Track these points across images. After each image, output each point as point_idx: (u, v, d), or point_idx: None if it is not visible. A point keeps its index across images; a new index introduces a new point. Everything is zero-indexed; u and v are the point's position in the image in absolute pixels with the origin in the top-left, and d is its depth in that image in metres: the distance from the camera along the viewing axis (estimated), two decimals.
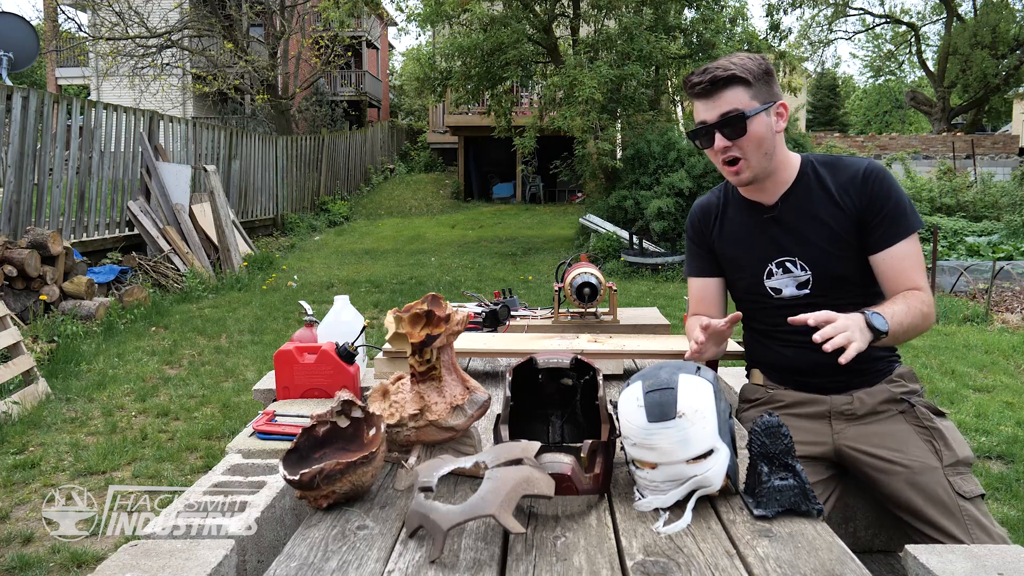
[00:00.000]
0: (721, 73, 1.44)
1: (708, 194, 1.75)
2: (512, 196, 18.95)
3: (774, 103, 1.49)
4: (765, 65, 1.49)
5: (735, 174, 1.52)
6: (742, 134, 1.46)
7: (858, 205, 1.51)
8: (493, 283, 8.45)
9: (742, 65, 1.46)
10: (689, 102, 11.97)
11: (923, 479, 1.42)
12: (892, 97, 33.44)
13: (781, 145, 1.54)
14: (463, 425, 1.21)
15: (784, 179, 1.56)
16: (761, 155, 1.49)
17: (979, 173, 14.24)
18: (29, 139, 6.71)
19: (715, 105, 1.46)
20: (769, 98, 1.48)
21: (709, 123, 1.47)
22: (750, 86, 1.46)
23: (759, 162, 1.50)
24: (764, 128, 1.47)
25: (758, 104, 1.46)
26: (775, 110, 1.50)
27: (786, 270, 1.57)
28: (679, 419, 1.07)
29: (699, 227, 1.72)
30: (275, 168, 13.00)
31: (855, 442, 1.52)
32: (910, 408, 1.52)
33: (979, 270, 7.95)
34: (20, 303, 5.47)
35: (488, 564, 0.94)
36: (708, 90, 1.46)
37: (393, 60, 34.72)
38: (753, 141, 1.47)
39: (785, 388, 1.64)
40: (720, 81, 1.45)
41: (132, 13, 13.72)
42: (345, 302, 1.84)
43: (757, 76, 1.46)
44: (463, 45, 11.21)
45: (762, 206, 1.59)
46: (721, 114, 1.46)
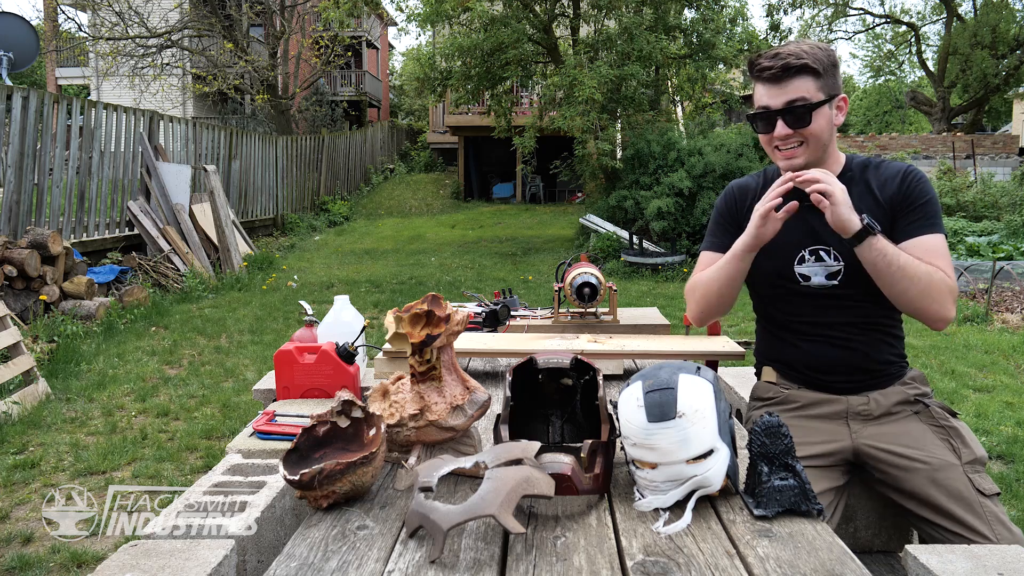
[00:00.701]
0: (794, 61, 1.44)
1: (747, 176, 1.74)
2: (512, 196, 18.95)
3: (838, 96, 1.49)
4: (833, 57, 1.48)
5: (788, 158, 1.51)
6: (806, 124, 1.46)
7: (895, 199, 1.51)
8: (493, 283, 8.45)
9: (814, 55, 1.45)
10: (689, 101, 11.94)
11: (944, 476, 1.42)
12: (892, 97, 33.43)
13: (834, 141, 1.55)
14: (463, 425, 1.21)
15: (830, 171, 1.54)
16: (820, 147, 1.50)
17: (979, 173, 14.24)
18: (29, 139, 6.71)
19: (783, 91, 1.46)
20: (834, 91, 1.48)
21: (773, 109, 1.47)
22: (819, 77, 1.45)
23: (815, 152, 1.50)
24: (825, 121, 1.48)
25: (824, 95, 1.46)
26: (837, 103, 1.50)
27: (819, 258, 1.55)
28: (679, 419, 1.06)
29: (734, 205, 1.69)
30: (275, 168, 13.00)
31: (874, 440, 1.52)
32: (925, 408, 1.53)
33: (979, 270, 7.95)
34: (20, 303, 5.47)
35: (488, 564, 0.94)
36: (778, 76, 1.45)
37: (393, 60, 34.73)
38: (815, 132, 1.47)
39: (799, 388, 1.62)
40: (792, 69, 1.44)
41: (132, 13, 13.72)
42: (345, 302, 1.83)
43: (826, 67, 1.46)
44: (463, 45, 11.21)
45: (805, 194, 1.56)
46: (788, 101, 1.45)
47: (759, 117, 1.50)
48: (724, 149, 9.90)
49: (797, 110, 1.45)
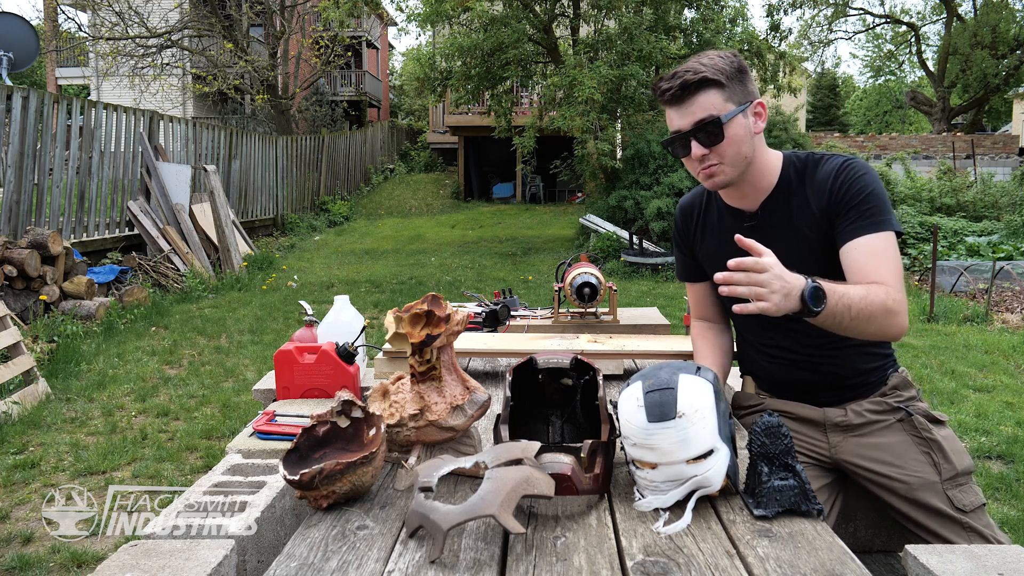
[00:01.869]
0: (692, 77, 1.35)
1: (691, 194, 1.66)
2: (512, 196, 18.94)
3: (750, 103, 1.40)
4: (737, 63, 1.40)
5: (709, 177, 1.43)
6: (719, 140, 1.37)
7: (829, 204, 1.41)
8: (493, 283, 8.45)
9: (713, 66, 1.36)
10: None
11: (923, 495, 1.41)
12: (892, 97, 33.45)
13: (761, 147, 1.45)
14: (463, 425, 1.21)
15: (765, 184, 1.47)
16: (740, 159, 1.40)
17: (979, 173, 14.24)
18: (29, 139, 6.71)
19: (688, 111, 1.37)
20: (745, 98, 1.39)
21: (684, 131, 1.39)
22: (723, 88, 1.36)
23: (736, 167, 1.41)
24: (742, 131, 1.39)
25: (733, 106, 1.37)
26: (752, 110, 1.41)
27: None
28: (679, 419, 1.06)
29: (682, 231, 1.66)
30: (275, 168, 13.00)
31: (852, 456, 1.49)
32: (907, 417, 1.48)
33: (979, 270, 7.95)
34: (20, 303, 5.47)
35: (488, 564, 0.94)
36: (679, 96, 1.37)
37: (393, 60, 34.74)
38: (731, 145, 1.38)
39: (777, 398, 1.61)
40: (691, 85, 1.35)
41: (132, 13, 13.72)
42: (345, 302, 1.83)
43: (730, 76, 1.37)
44: (463, 45, 11.21)
45: (743, 213, 1.51)
46: (695, 121, 1.37)
47: (674, 142, 1.42)
48: None
49: (707, 127, 1.36)
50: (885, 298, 1.27)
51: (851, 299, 1.23)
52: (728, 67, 1.37)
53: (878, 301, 1.26)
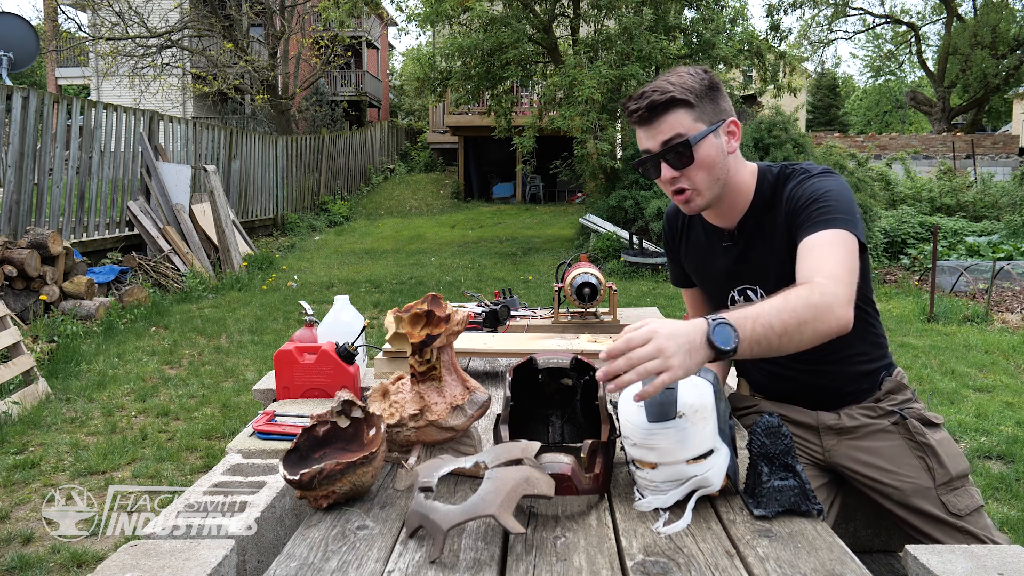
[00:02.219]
0: (659, 96, 1.30)
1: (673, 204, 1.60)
2: (512, 196, 18.94)
3: (723, 121, 1.35)
4: (708, 80, 1.34)
5: (684, 203, 1.39)
6: (689, 162, 1.33)
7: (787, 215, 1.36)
8: (493, 283, 8.45)
9: (682, 84, 1.31)
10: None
11: (917, 501, 1.41)
12: (892, 97, 33.46)
13: (736, 165, 1.40)
14: (463, 425, 1.21)
15: (742, 203, 1.43)
16: (713, 181, 1.36)
17: (979, 173, 14.24)
18: (29, 139, 6.71)
19: (657, 132, 1.33)
20: (716, 117, 1.34)
21: (653, 152, 1.34)
22: (693, 107, 1.31)
23: (710, 189, 1.36)
24: (714, 151, 1.34)
25: (704, 126, 1.32)
26: (725, 129, 1.36)
27: (748, 298, 1.49)
28: (679, 419, 1.06)
29: (669, 239, 1.65)
30: (275, 168, 13.00)
31: (847, 460, 1.49)
32: (902, 421, 1.46)
33: (979, 270, 7.95)
34: (20, 303, 5.47)
35: (488, 564, 0.94)
36: (647, 116, 1.32)
37: (393, 60, 34.74)
38: (703, 168, 1.34)
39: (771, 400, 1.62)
40: (659, 106, 1.30)
41: (132, 13, 13.73)
42: (345, 302, 1.83)
43: (700, 95, 1.32)
44: (463, 45, 11.21)
45: (722, 231, 1.49)
46: (664, 142, 1.32)
47: (644, 163, 1.37)
48: None
49: (676, 148, 1.32)
50: (809, 295, 1.13)
51: (769, 317, 1.08)
52: (698, 85, 1.33)
53: (800, 303, 1.11)
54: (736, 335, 1.04)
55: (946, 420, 3.83)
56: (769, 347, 1.09)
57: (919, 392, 3.60)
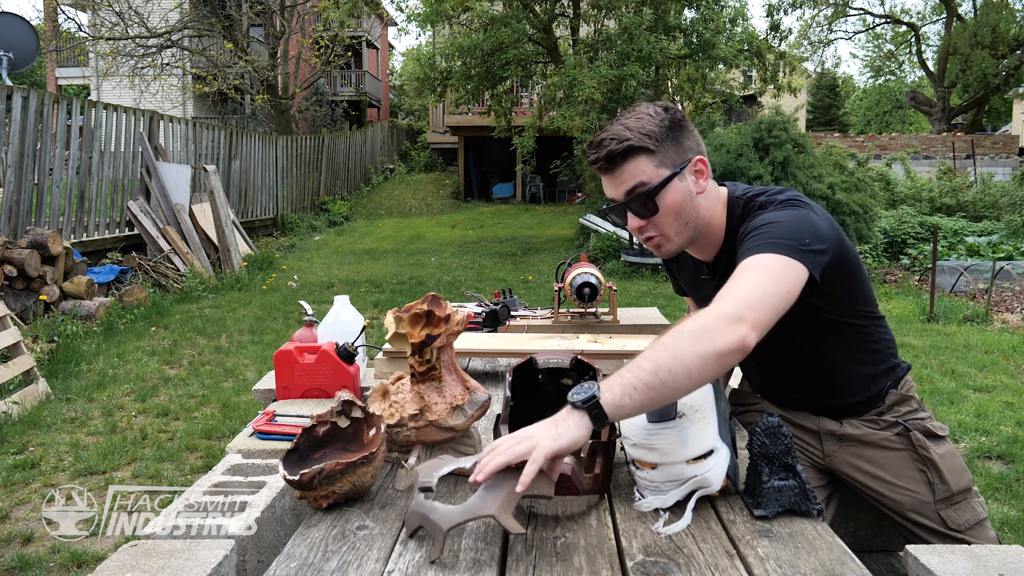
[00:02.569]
0: (616, 146, 1.26)
1: None
2: (512, 196, 18.95)
3: (688, 162, 1.30)
4: (669, 119, 1.29)
5: (656, 247, 1.36)
6: (655, 211, 1.29)
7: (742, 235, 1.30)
8: (493, 283, 8.45)
9: (639, 130, 1.26)
10: (689, 101, 11.88)
11: (913, 515, 1.41)
12: (892, 97, 33.47)
13: (708, 204, 1.34)
14: (463, 425, 1.21)
15: (715, 238, 1.39)
16: (681, 226, 1.32)
17: (979, 173, 14.24)
18: (29, 139, 6.71)
19: (619, 181, 1.29)
20: (680, 158, 1.29)
21: (618, 201, 1.31)
22: (653, 153, 1.27)
23: (680, 234, 1.33)
24: (679, 196, 1.29)
25: (667, 171, 1.27)
26: (691, 169, 1.31)
27: None
28: (679, 419, 1.07)
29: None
30: (275, 168, 13.00)
31: (846, 467, 1.48)
32: (905, 432, 1.44)
33: (979, 270, 7.95)
34: (20, 303, 5.47)
35: (488, 564, 0.94)
36: (606, 167, 1.29)
37: (393, 60, 34.74)
38: (669, 214, 1.30)
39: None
40: (617, 155, 1.27)
41: (132, 13, 13.73)
42: (345, 302, 1.84)
43: (660, 138, 1.27)
44: (463, 45, 11.21)
45: (701, 264, 1.48)
46: (627, 191, 1.29)
47: (611, 211, 1.35)
48: (724, 149, 9.89)
49: (639, 198, 1.28)
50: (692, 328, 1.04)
51: (642, 372, 1.00)
52: (657, 128, 1.27)
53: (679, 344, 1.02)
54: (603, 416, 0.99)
55: (946, 420, 3.83)
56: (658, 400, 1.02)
57: (919, 392, 3.59)
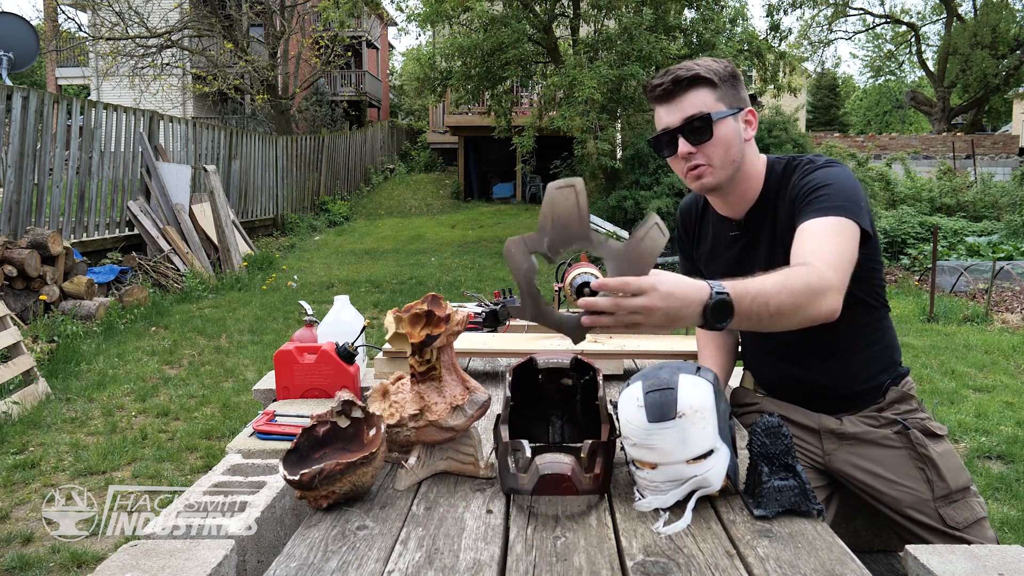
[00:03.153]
0: (684, 73, 1.34)
1: (688, 197, 1.66)
2: (512, 196, 18.94)
3: (741, 109, 1.38)
4: (731, 69, 1.39)
5: (697, 178, 1.40)
6: (708, 138, 1.35)
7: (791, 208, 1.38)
8: (493, 283, 8.45)
9: (706, 66, 1.36)
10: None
11: (912, 512, 1.41)
12: (892, 97, 33.48)
13: (750, 155, 1.42)
14: (463, 425, 1.21)
15: (751, 194, 1.45)
16: (728, 162, 1.38)
17: (979, 173, 14.24)
18: (29, 139, 6.71)
19: (678, 108, 1.36)
20: (736, 103, 1.37)
21: (672, 127, 1.37)
22: (716, 88, 1.35)
23: (724, 169, 1.38)
24: (732, 133, 1.37)
25: (725, 107, 1.36)
26: (743, 116, 1.39)
27: None
28: (679, 419, 1.06)
29: (681, 233, 1.67)
30: (275, 168, 13.00)
31: (845, 466, 1.49)
32: (904, 431, 1.46)
33: (979, 270, 7.95)
34: (20, 303, 5.47)
35: (488, 564, 0.94)
36: (671, 91, 1.36)
37: (393, 60, 34.73)
38: (720, 146, 1.36)
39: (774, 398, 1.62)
40: (683, 81, 1.34)
41: (132, 13, 13.73)
42: (345, 302, 1.83)
43: (723, 78, 1.36)
44: (463, 45, 11.21)
45: (730, 222, 1.51)
46: (685, 117, 1.35)
47: (661, 140, 1.39)
48: None
49: (695, 123, 1.34)
50: (808, 276, 1.15)
51: (767, 295, 1.10)
52: (722, 70, 1.37)
53: (799, 285, 1.13)
54: (731, 314, 1.07)
55: (946, 420, 3.83)
56: (759, 324, 1.12)
57: (919, 392, 3.60)
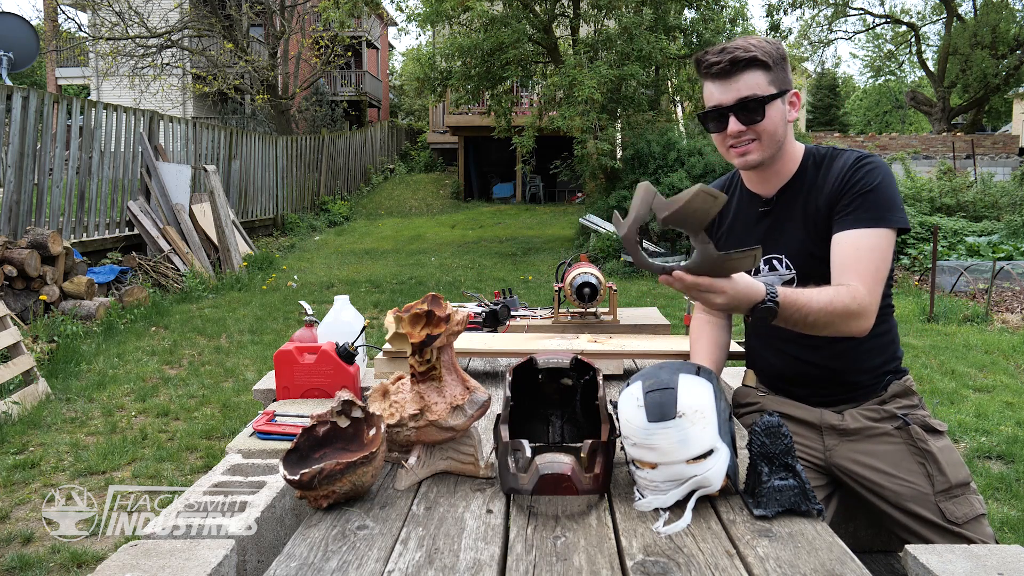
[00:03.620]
0: (742, 54, 1.38)
1: (717, 181, 1.70)
2: (512, 196, 18.94)
3: (788, 91, 1.44)
4: (782, 51, 1.44)
5: (742, 155, 1.45)
6: (759, 120, 1.40)
7: (833, 194, 1.43)
8: (493, 283, 8.45)
9: (762, 48, 1.39)
10: (689, 101, 11.89)
11: (912, 505, 1.41)
12: (892, 97, 33.45)
13: (790, 136, 1.49)
14: (463, 425, 1.21)
15: (786, 171, 1.51)
16: (775, 142, 1.44)
17: (979, 173, 14.24)
18: (29, 139, 6.71)
19: (733, 88, 1.40)
20: (785, 85, 1.42)
21: (725, 106, 1.41)
22: (769, 70, 1.40)
23: (770, 148, 1.44)
24: (779, 115, 1.42)
25: (775, 90, 1.40)
26: (789, 98, 1.44)
27: (772, 267, 1.51)
28: (679, 419, 1.06)
29: None
30: (275, 168, 13.00)
31: (846, 461, 1.49)
32: (904, 426, 1.47)
33: (979, 270, 7.95)
34: (20, 303, 5.47)
35: (488, 564, 0.94)
36: (727, 71, 1.39)
37: (393, 60, 34.72)
38: (769, 127, 1.41)
39: (776, 395, 1.62)
40: (741, 62, 1.38)
41: (132, 13, 13.72)
42: (345, 302, 1.84)
43: (776, 60, 1.41)
44: (463, 45, 11.21)
45: (760, 198, 1.55)
46: (739, 98, 1.39)
47: (710, 116, 1.44)
48: None
49: (749, 105, 1.39)
50: (849, 302, 1.29)
51: (811, 311, 1.27)
52: (775, 52, 1.41)
53: (840, 307, 1.29)
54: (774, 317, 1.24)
55: (946, 420, 3.83)
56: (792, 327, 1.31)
57: (919, 391, 3.60)
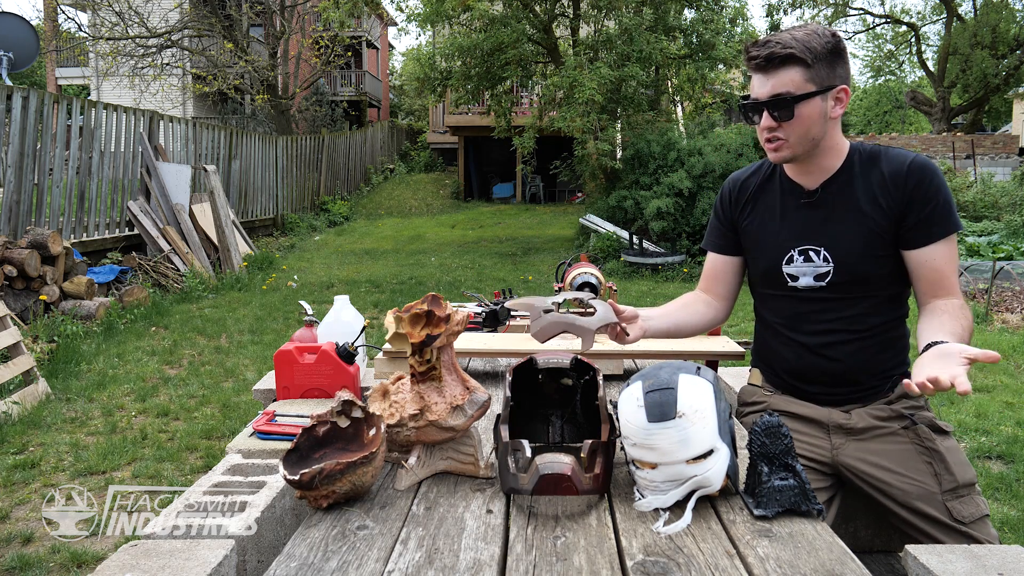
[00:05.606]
0: (779, 50, 1.37)
1: (747, 167, 1.68)
2: (512, 196, 18.94)
3: (833, 88, 1.40)
4: (832, 44, 1.39)
5: (774, 150, 1.46)
6: (789, 118, 1.40)
7: (899, 202, 1.43)
8: (493, 283, 8.45)
9: (805, 43, 1.37)
10: (689, 101, 11.90)
11: (920, 504, 1.41)
12: (892, 97, 33.44)
13: (834, 131, 1.47)
14: (463, 425, 1.21)
15: (830, 165, 1.49)
16: (807, 140, 1.43)
17: (979, 173, 14.24)
18: (29, 139, 6.71)
19: (768, 82, 1.40)
20: (828, 82, 1.39)
21: (759, 100, 1.41)
22: (808, 67, 1.37)
23: (801, 145, 1.43)
24: (816, 113, 1.40)
25: (814, 87, 1.38)
26: (834, 95, 1.41)
27: (808, 258, 1.50)
28: (679, 419, 1.06)
29: (729, 200, 1.66)
30: (275, 168, 13.00)
31: (853, 460, 1.49)
32: (912, 425, 1.47)
33: (979, 270, 7.94)
34: (20, 303, 5.47)
35: (488, 564, 0.94)
36: (763, 66, 1.39)
37: (393, 60, 34.71)
38: (800, 126, 1.41)
39: (783, 394, 1.61)
40: (777, 59, 1.37)
41: (132, 13, 13.72)
42: (345, 302, 1.84)
43: (819, 56, 1.37)
44: (463, 45, 11.20)
45: (802, 189, 1.53)
46: (773, 94, 1.39)
47: (748, 107, 1.45)
48: (724, 149, 9.91)
49: (780, 103, 1.39)
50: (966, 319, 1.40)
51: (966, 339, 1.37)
52: (820, 47, 1.37)
53: (969, 324, 1.39)
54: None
55: (946, 420, 3.83)
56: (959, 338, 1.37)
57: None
